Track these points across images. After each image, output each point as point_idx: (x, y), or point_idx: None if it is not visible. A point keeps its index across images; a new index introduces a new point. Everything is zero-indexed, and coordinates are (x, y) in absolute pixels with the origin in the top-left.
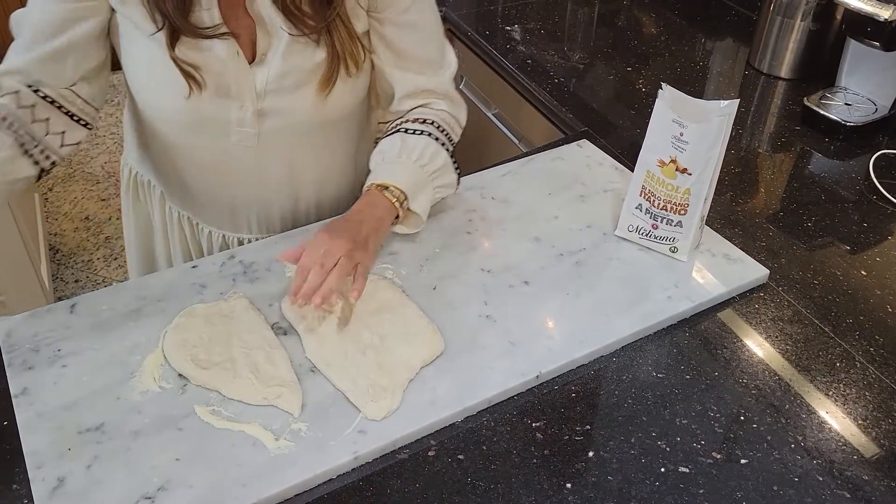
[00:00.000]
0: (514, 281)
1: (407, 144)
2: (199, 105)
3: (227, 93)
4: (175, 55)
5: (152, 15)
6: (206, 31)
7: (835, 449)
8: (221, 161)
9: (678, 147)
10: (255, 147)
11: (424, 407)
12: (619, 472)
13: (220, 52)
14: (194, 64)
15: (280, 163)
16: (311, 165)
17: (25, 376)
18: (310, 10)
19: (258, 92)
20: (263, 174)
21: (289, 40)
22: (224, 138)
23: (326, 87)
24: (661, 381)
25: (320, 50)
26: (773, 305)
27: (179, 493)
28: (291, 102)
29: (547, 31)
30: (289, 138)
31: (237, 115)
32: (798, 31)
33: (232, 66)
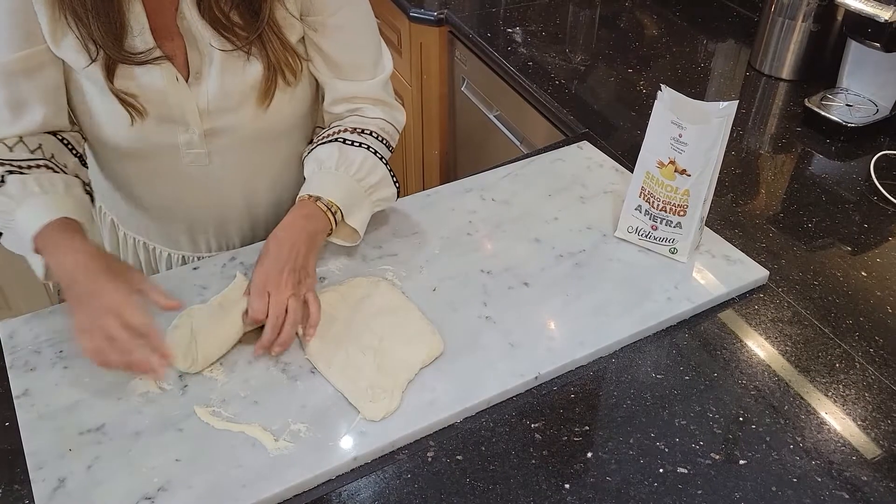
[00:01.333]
0: (514, 282)
1: (345, 156)
2: (144, 133)
3: (171, 117)
4: (113, 86)
5: (86, 46)
6: (140, 56)
7: (834, 450)
8: (174, 184)
9: (677, 148)
10: (207, 166)
11: (424, 408)
12: (618, 473)
13: (157, 78)
14: (132, 93)
15: (233, 179)
16: (264, 177)
17: (27, 377)
18: (240, 22)
19: (201, 112)
20: (218, 192)
21: (221, 56)
22: (174, 161)
23: (265, 100)
24: (660, 382)
25: (254, 63)
26: (773, 306)
27: (180, 494)
28: (235, 119)
29: (548, 32)
30: (239, 154)
31: (185, 138)
32: (799, 33)
33: (171, 90)
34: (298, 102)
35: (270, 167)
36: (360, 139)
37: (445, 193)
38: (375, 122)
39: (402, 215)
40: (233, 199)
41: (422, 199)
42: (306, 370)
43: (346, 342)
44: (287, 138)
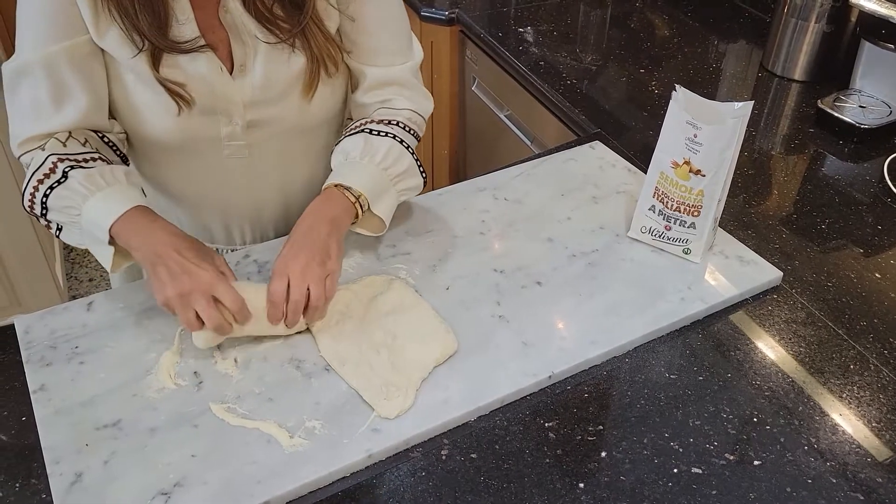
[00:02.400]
0: (527, 281)
1: (371, 145)
2: (189, 123)
3: (215, 109)
4: (160, 75)
5: (130, 37)
6: (185, 45)
7: (848, 451)
8: (213, 176)
9: (692, 148)
10: (246, 158)
11: (437, 406)
12: (632, 473)
13: (202, 68)
14: (180, 82)
15: (271, 171)
16: (301, 170)
17: (43, 373)
18: (283, 15)
19: (245, 104)
20: (255, 184)
21: (266, 48)
22: (215, 153)
23: (309, 92)
24: (673, 382)
25: (298, 55)
26: (787, 307)
27: (195, 490)
28: (278, 111)
29: (560, 32)
30: (278, 146)
31: (227, 130)
32: (812, 34)
33: (217, 80)
34: (338, 94)
35: (307, 159)
36: (386, 129)
37: (458, 192)
38: (403, 112)
39: (416, 214)
40: (269, 192)
41: (435, 198)
42: (321, 367)
43: (359, 340)
44: (323, 130)
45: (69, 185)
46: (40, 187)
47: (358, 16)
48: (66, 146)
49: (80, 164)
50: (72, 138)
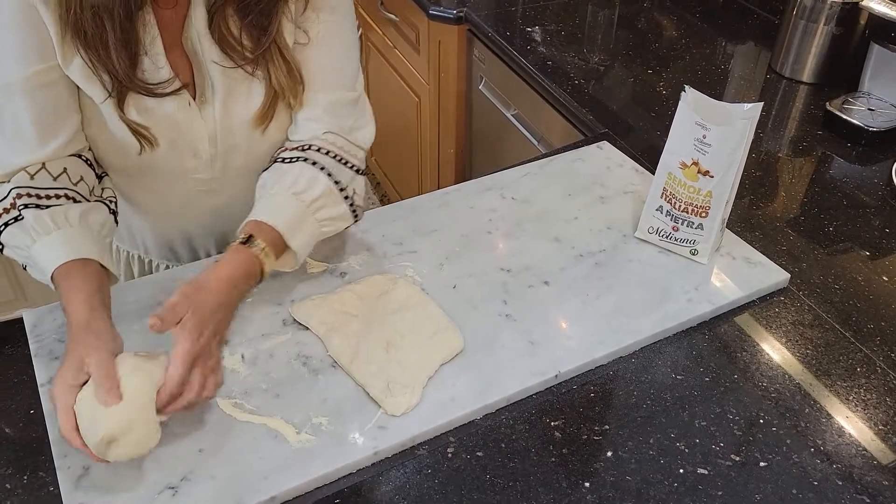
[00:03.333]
0: (534, 281)
1: (280, 174)
2: (153, 160)
3: (178, 145)
4: (125, 116)
5: (100, 78)
6: (158, 87)
7: (855, 454)
8: (176, 203)
9: (701, 149)
10: (210, 189)
11: (444, 404)
12: (638, 473)
13: (170, 107)
14: (145, 125)
15: (236, 199)
16: None
17: (52, 366)
18: (248, 43)
19: (209, 137)
20: (220, 209)
21: (225, 77)
22: (180, 185)
23: (264, 122)
24: (680, 383)
25: (257, 85)
26: (794, 310)
27: (202, 484)
28: (237, 141)
29: (567, 32)
30: (243, 173)
31: (192, 164)
32: (821, 36)
33: (182, 117)
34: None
35: None
36: (298, 154)
37: (465, 191)
38: (327, 137)
39: (422, 213)
40: (233, 216)
41: (441, 197)
42: (327, 364)
43: (366, 339)
44: None
45: (21, 225)
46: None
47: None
48: (34, 179)
49: (39, 200)
50: (43, 170)
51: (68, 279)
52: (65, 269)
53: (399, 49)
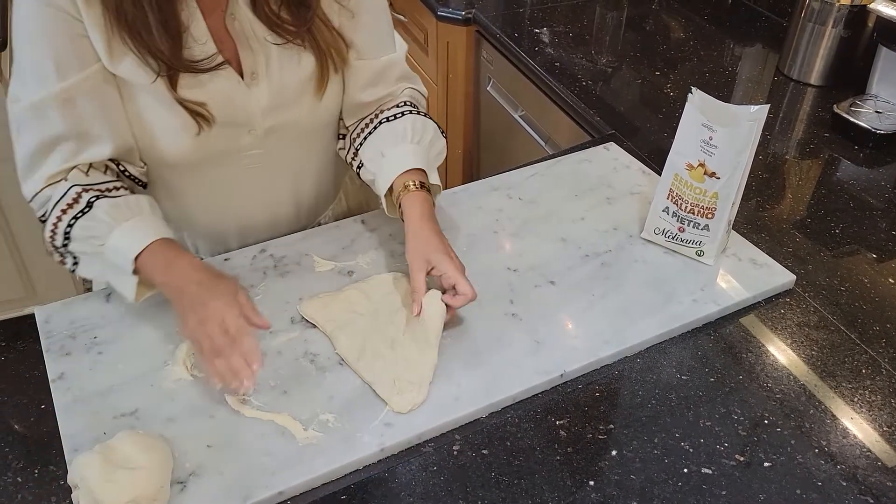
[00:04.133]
0: (540, 280)
1: (395, 131)
2: (208, 140)
3: (235, 121)
4: (179, 96)
5: (146, 62)
6: (203, 63)
7: (859, 455)
8: (230, 186)
9: (707, 151)
10: (262, 166)
11: (450, 402)
12: (642, 472)
13: (221, 83)
14: (199, 101)
15: (285, 175)
16: (311, 171)
17: (63, 362)
18: (289, 18)
19: (262, 112)
20: (270, 189)
21: (277, 52)
22: (233, 164)
23: (321, 89)
24: (684, 383)
25: (307, 54)
26: (800, 311)
27: (210, 480)
28: (293, 114)
29: (575, 34)
30: (292, 149)
31: (247, 140)
32: (829, 38)
33: (235, 93)
34: (341, 91)
35: (317, 159)
36: (399, 111)
37: (472, 191)
38: (405, 93)
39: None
40: (283, 195)
41: (449, 197)
42: (334, 362)
43: (372, 337)
44: (330, 130)
45: (94, 216)
46: (63, 217)
47: (355, 10)
48: (89, 175)
49: (104, 193)
50: (93, 168)
51: (163, 252)
52: (155, 245)
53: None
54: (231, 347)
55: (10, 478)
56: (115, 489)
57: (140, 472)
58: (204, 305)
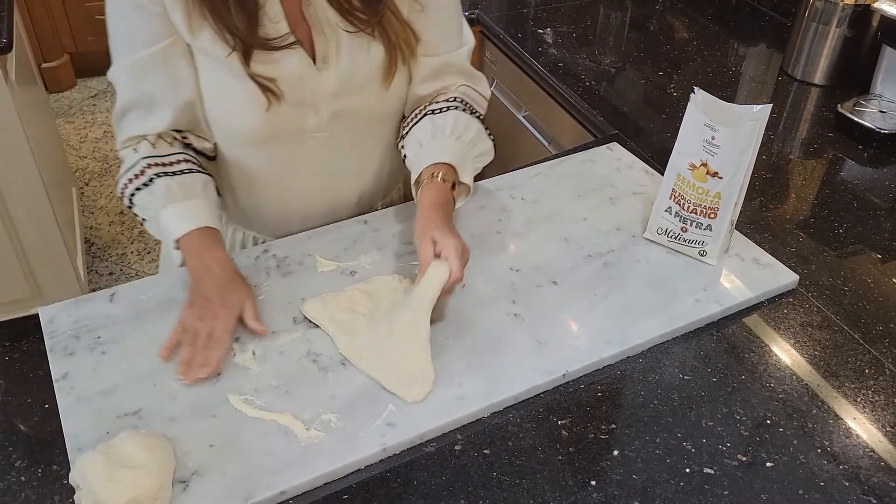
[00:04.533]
0: (543, 280)
1: (436, 124)
2: (277, 117)
3: (303, 101)
4: (251, 71)
5: (223, 37)
6: (276, 41)
7: (862, 455)
8: (295, 169)
9: (709, 151)
10: (327, 149)
11: (452, 402)
12: (644, 472)
13: (292, 63)
14: (270, 77)
15: (349, 161)
16: (374, 159)
17: (66, 361)
18: (360, 6)
19: (330, 95)
20: (333, 174)
21: (348, 40)
22: (299, 146)
23: (388, 79)
24: (687, 383)
25: (377, 44)
26: (803, 311)
27: (213, 479)
28: (359, 100)
29: (578, 34)
30: (356, 135)
31: (313, 122)
32: (833, 38)
33: (305, 74)
34: (407, 82)
35: (380, 148)
36: (446, 104)
37: (476, 191)
38: (460, 89)
39: None
40: (346, 182)
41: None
42: (337, 361)
43: (373, 334)
44: (395, 120)
45: (152, 191)
46: (129, 186)
47: (426, 4)
48: (156, 148)
49: (166, 167)
50: (161, 140)
51: (198, 241)
52: (195, 232)
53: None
54: (203, 348)
55: (14, 477)
56: (117, 488)
57: (141, 471)
58: (208, 303)
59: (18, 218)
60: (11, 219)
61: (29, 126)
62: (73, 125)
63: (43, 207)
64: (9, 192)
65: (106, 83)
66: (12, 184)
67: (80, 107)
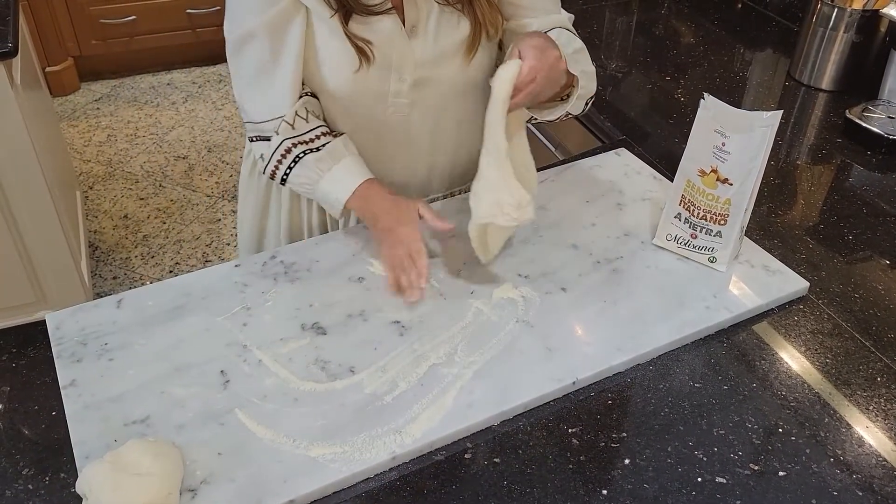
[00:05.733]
0: (552, 287)
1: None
2: (365, 78)
3: (389, 65)
4: (349, 31)
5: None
6: (375, 7)
7: (874, 464)
8: (373, 134)
9: (720, 157)
10: (406, 115)
11: (462, 410)
12: (656, 481)
13: (386, 27)
14: (366, 39)
15: (425, 131)
16: (450, 134)
17: (74, 368)
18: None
19: (416, 63)
20: (409, 144)
21: (438, 11)
22: (379, 110)
23: (470, 54)
24: (697, 391)
25: (465, 19)
26: (813, 318)
27: (221, 487)
28: (442, 70)
29: (585, 39)
30: (435, 106)
31: (395, 87)
32: (841, 43)
33: (397, 39)
34: (492, 58)
35: (457, 121)
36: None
37: None
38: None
39: None
40: (420, 152)
41: (459, 202)
42: (345, 368)
43: None
44: (474, 94)
45: (304, 165)
46: (280, 167)
47: None
48: (295, 127)
49: (309, 144)
50: (298, 118)
51: (372, 190)
52: (363, 187)
53: None
54: (410, 267)
55: (21, 485)
56: (123, 497)
57: (148, 478)
58: (392, 232)
59: (23, 222)
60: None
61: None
62: (76, 129)
63: (47, 211)
64: (13, 196)
65: (110, 87)
66: (17, 187)
67: (84, 110)
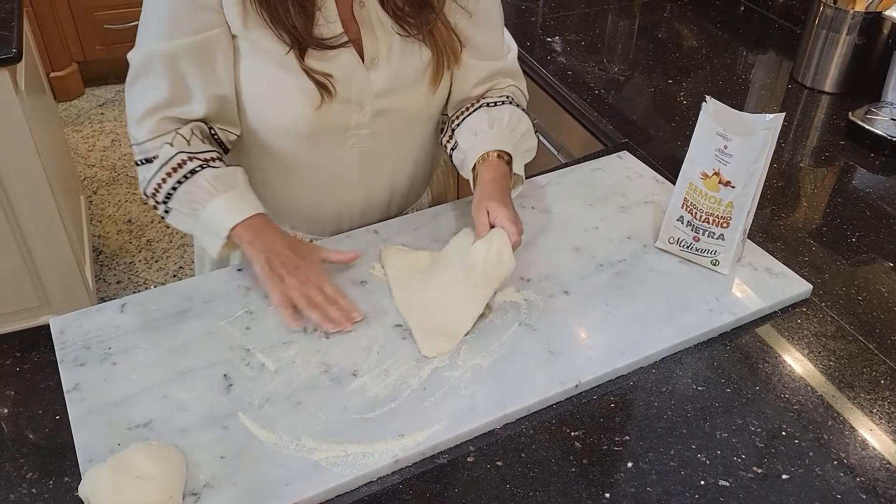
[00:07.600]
0: (554, 290)
1: (492, 115)
2: (326, 113)
3: (349, 98)
4: (307, 66)
5: (278, 35)
6: (331, 41)
7: (879, 467)
8: (333, 168)
9: (722, 160)
10: (365, 147)
11: (464, 413)
12: (659, 484)
13: (343, 61)
14: (326, 73)
15: (385, 159)
16: (410, 159)
17: (77, 372)
18: (411, 12)
19: (376, 94)
20: (369, 172)
21: (399, 42)
22: (340, 143)
23: (436, 83)
24: (701, 394)
25: (425, 48)
26: (816, 321)
27: (224, 491)
28: (404, 100)
29: (587, 42)
30: (396, 135)
31: (357, 119)
32: (843, 45)
33: (354, 73)
34: (448, 86)
35: (416, 148)
36: (500, 100)
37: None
38: (509, 89)
39: (442, 221)
40: (380, 181)
41: (462, 206)
42: (348, 373)
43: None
44: (433, 121)
45: (197, 182)
46: (168, 180)
47: (473, 11)
48: (191, 144)
49: (206, 163)
50: (194, 136)
51: (255, 223)
52: (251, 219)
53: None
54: (327, 304)
55: (25, 489)
56: (124, 500)
57: (149, 481)
58: (298, 269)
59: (27, 226)
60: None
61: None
62: (81, 134)
63: (51, 216)
64: (18, 201)
65: (114, 92)
66: (21, 192)
67: (88, 116)
